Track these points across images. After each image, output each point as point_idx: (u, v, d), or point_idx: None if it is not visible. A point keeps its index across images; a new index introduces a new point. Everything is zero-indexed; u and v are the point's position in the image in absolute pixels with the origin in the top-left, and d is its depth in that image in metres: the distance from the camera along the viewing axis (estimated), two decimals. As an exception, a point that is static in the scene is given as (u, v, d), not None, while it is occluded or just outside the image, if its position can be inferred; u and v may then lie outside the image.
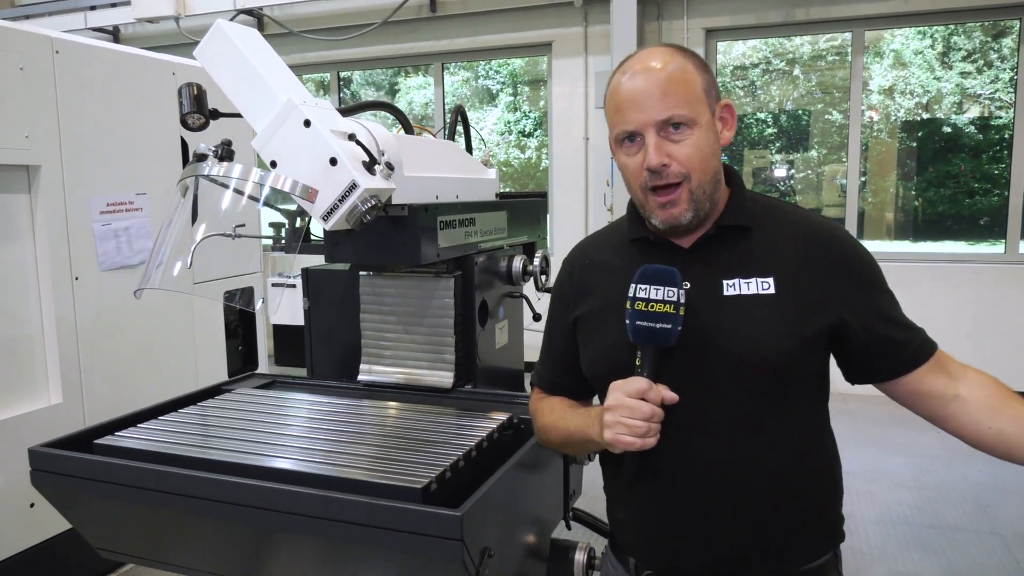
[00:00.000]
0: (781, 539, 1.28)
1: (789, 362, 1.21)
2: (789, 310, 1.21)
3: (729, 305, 1.22)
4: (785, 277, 1.22)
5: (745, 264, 1.24)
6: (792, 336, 1.20)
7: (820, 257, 1.24)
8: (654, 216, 1.25)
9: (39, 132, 2.81)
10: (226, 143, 1.59)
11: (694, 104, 1.20)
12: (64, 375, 2.90)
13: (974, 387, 1.24)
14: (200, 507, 1.53)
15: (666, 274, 1.18)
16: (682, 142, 1.20)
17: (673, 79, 1.20)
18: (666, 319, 1.16)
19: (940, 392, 1.25)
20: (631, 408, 1.16)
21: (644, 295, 1.17)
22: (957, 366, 1.28)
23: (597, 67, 6.21)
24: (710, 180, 1.24)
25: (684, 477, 1.27)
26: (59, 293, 2.89)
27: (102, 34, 7.27)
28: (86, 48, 3.07)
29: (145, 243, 3.24)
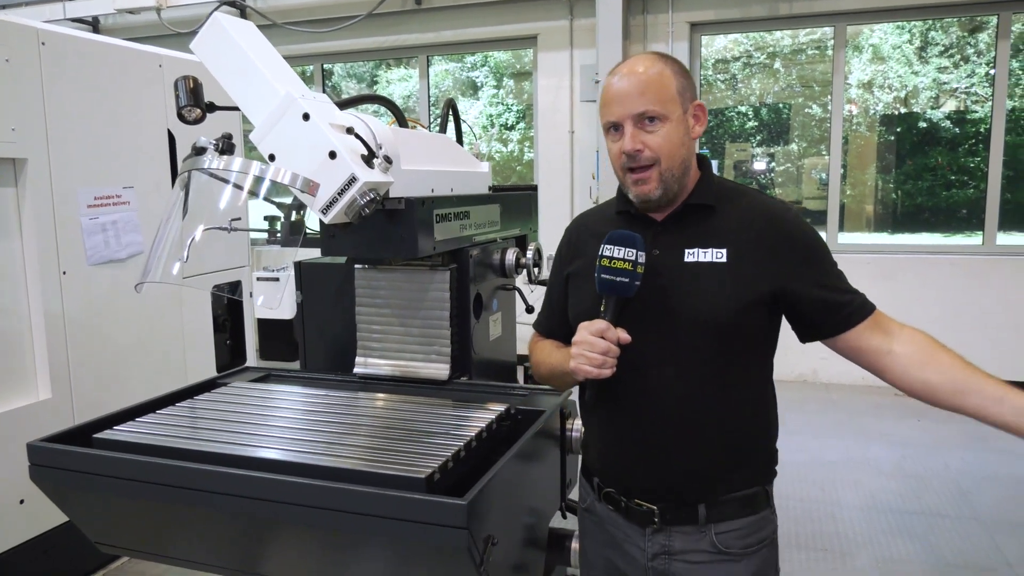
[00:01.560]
0: (718, 469, 1.50)
1: (732, 319, 1.43)
2: (736, 277, 1.44)
3: (688, 270, 1.46)
4: (736, 249, 1.46)
5: (706, 237, 1.48)
6: (736, 299, 1.43)
7: (770, 234, 1.47)
8: (630, 192, 1.50)
9: (25, 125, 2.78)
10: (227, 136, 1.59)
11: (666, 103, 1.44)
12: (53, 370, 2.88)
13: (906, 343, 1.45)
14: (204, 500, 1.53)
15: (627, 238, 1.42)
16: (654, 132, 1.44)
17: (649, 81, 1.44)
18: (624, 274, 1.40)
19: (875, 348, 1.46)
20: (591, 343, 1.40)
21: (609, 254, 1.42)
22: (894, 325, 1.48)
23: (582, 61, 6.23)
24: (678, 165, 1.47)
25: (639, 409, 1.50)
26: (47, 288, 2.86)
27: (82, 24, 7.17)
28: (72, 40, 3.04)
29: (133, 237, 3.22)
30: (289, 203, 1.95)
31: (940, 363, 1.42)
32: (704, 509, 1.50)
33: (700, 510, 1.50)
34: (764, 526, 1.56)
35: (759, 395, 1.56)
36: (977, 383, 1.39)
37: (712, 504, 1.50)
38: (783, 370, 6.56)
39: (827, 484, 4.00)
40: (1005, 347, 5.52)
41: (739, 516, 1.52)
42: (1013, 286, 5.52)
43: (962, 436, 4.70)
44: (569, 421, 1.98)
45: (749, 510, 1.53)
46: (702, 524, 1.50)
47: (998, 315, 5.54)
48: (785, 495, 3.86)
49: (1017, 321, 5.50)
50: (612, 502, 1.59)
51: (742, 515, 1.52)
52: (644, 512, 1.53)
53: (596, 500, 1.63)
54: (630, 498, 1.55)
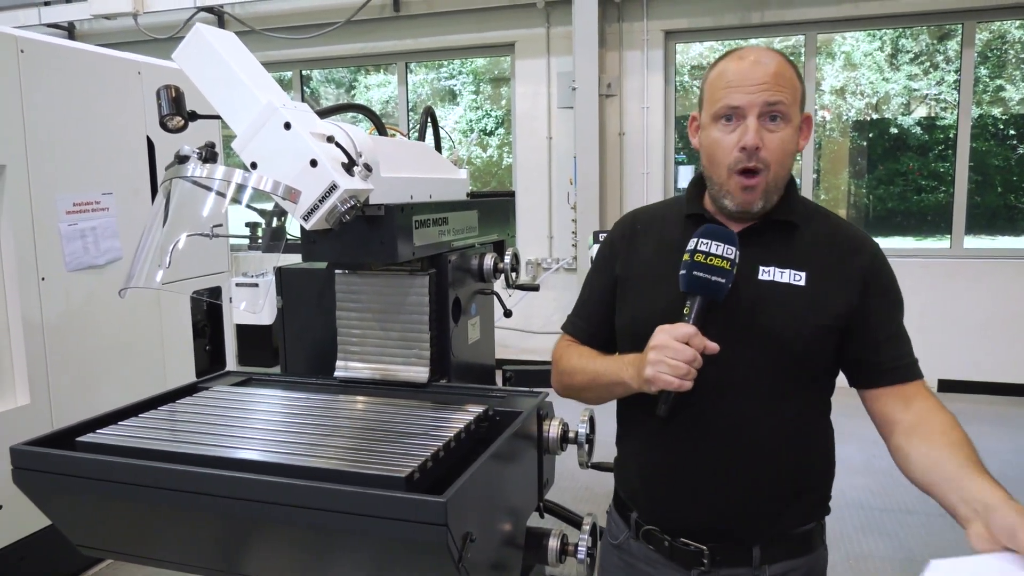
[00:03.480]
0: (779, 505, 1.38)
1: (806, 347, 1.33)
2: (814, 301, 1.33)
3: (762, 288, 1.35)
4: (816, 272, 1.35)
5: (783, 256, 1.37)
6: (812, 325, 1.33)
7: (856, 262, 1.37)
8: (730, 197, 1.35)
9: (4, 131, 2.79)
10: (209, 145, 1.62)
11: (793, 104, 1.32)
12: (31, 376, 2.88)
13: (920, 436, 1.27)
14: (186, 501, 1.56)
15: (727, 234, 1.29)
16: (775, 133, 1.30)
17: (784, 75, 1.31)
18: (721, 273, 1.27)
19: (889, 418, 1.35)
20: (676, 350, 1.23)
21: (705, 248, 1.28)
22: (923, 405, 1.31)
23: (559, 68, 6.30)
24: (783, 176, 1.35)
25: (698, 436, 1.37)
26: (25, 293, 2.87)
27: (57, 30, 7.13)
28: (51, 47, 3.05)
29: (112, 243, 3.23)
30: (270, 210, 1.99)
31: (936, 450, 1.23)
32: (759, 550, 1.38)
33: (755, 551, 1.38)
34: (817, 564, 1.45)
35: (822, 427, 1.46)
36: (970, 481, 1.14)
37: (768, 544, 1.38)
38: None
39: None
40: (971, 347, 5.67)
41: (795, 556, 1.41)
42: (979, 288, 5.67)
43: (931, 435, 4.82)
44: (546, 423, 2.02)
45: (805, 548, 1.42)
46: (756, 566, 1.39)
47: (965, 316, 5.68)
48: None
49: (983, 321, 5.65)
50: (653, 541, 1.46)
51: (798, 555, 1.41)
52: (691, 553, 1.40)
53: (632, 538, 1.50)
54: (675, 537, 1.42)
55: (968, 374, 5.69)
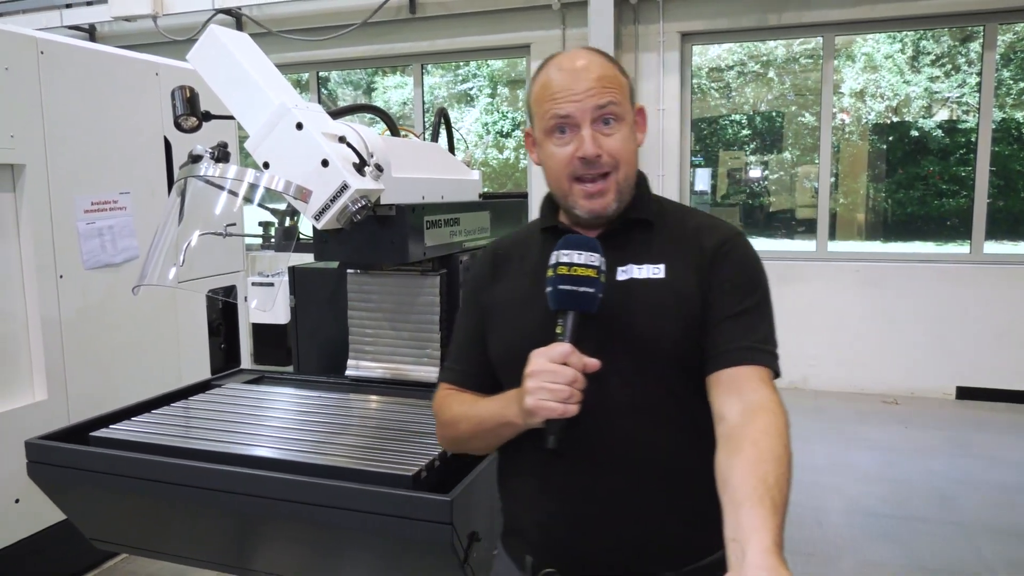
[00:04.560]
0: (684, 531, 1.24)
1: (676, 343, 1.22)
2: (677, 294, 1.23)
3: (622, 289, 1.24)
4: (673, 265, 1.26)
5: (639, 253, 1.28)
6: (679, 318, 1.22)
7: (711, 248, 1.26)
8: (578, 206, 1.27)
9: (24, 131, 2.83)
10: (222, 145, 1.64)
11: (623, 101, 1.26)
12: (49, 372, 2.92)
13: (733, 443, 1.10)
14: (197, 496, 1.58)
15: (588, 242, 1.20)
16: (613, 135, 1.24)
17: (608, 76, 1.25)
18: (588, 283, 1.17)
19: (716, 408, 1.18)
20: (554, 372, 1.12)
21: (568, 259, 1.18)
22: (753, 399, 1.14)
23: (575, 69, 6.29)
24: (632, 175, 1.29)
25: (590, 459, 1.23)
26: (44, 291, 2.91)
27: (78, 32, 7.22)
28: (70, 48, 3.09)
29: (129, 242, 3.26)
30: (283, 209, 2.01)
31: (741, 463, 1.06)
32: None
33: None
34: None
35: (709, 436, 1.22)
36: (742, 511, 0.99)
37: None
38: (772, 376, 6.54)
39: (812, 489, 4.05)
40: (990, 354, 5.60)
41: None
42: (999, 295, 5.59)
43: (945, 443, 4.77)
44: (554, 423, 2.03)
45: None
46: None
47: (984, 323, 5.61)
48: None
49: (1002, 328, 5.57)
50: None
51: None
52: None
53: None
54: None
55: (987, 382, 5.61)
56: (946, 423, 5.17)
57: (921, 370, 5.70)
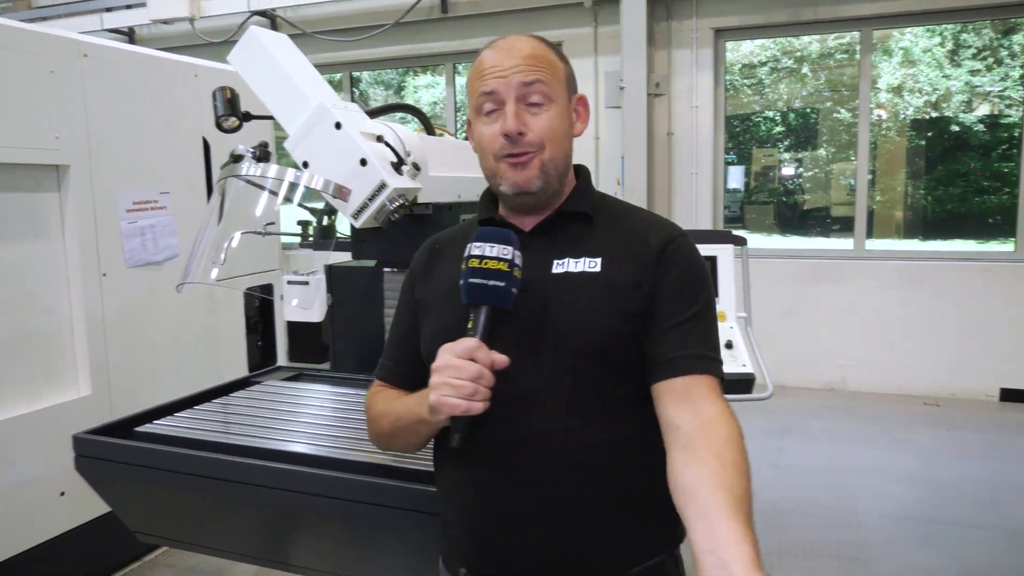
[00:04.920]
0: (613, 536, 1.18)
1: (607, 339, 1.17)
2: (612, 288, 1.18)
3: (557, 282, 1.20)
4: (610, 258, 1.21)
5: (578, 247, 1.23)
6: (611, 313, 1.17)
7: (654, 247, 1.21)
8: (505, 181, 1.23)
9: (68, 133, 2.90)
10: (263, 144, 1.66)
11: (554, 83, 1.23)
12: (93, 368, 2.99)
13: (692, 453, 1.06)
14: (236, 490, 1.60)
15: (501, 234, 1.15)
16: (539, 115, 1.21)
17: (538, 55, 1.23)
18: (499, 276, 1.12)
19: (667, 418, 1.13)
20: (458, 368, 1.08)
21: (479, 252, 1.13)
22: (708, 410, 1.11)
23: (606, 67, 6.27)
24: (562, 158, 1.24)
25: (510, 462, 1.18)
26: (88, 289, 2.97)
27: (118, 35, 7.37)
28: (112, 51, 3.15)
29: (169, 240, 3.32)
30: (321, 208, 2.03)
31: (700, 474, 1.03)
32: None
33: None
34: None
35: (654, 438, 1.16)
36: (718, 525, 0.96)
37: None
38: (809, 376, 6.46)
39: (853, 492, 3.99)
40: (1036, 355, 5.46)
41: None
42: (1044, 293, 5.45)
43: (989, 446, 4.66)
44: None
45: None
46: None
47: (1029, 322, 5.47)
48: (810, 502, 3.85)
49: (1048, 328, 5.43)
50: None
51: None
52: None
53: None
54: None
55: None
56: (989, 425, 5.05)
57: (963, 371, 5.57)
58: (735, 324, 2.66)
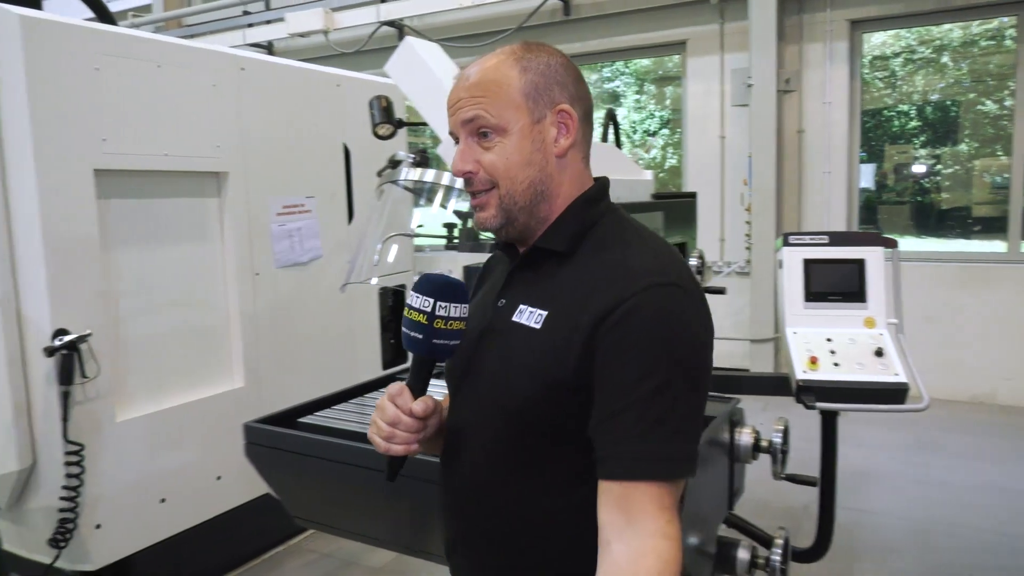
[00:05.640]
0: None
1: (526, 406, 1.07)
2: (546, 350, 1.06)
3: (507, 332, 1.12)
4: (558, 314, 1.07)
5: (540, 293, 1.12)
6: (537, 380, 1.06)
7: (591, 302, 1.04)
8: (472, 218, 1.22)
9: (228, 141, 3.11)
10: (421, 151, 1.73)
11: (504, 110, 1.10)
12: (247, 362, 3.19)
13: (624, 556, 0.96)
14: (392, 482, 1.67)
15: (433, 283, 1.10)
16: (490, 149, 1.11)
17: (483, 83, 1.11)
18: (418, 328, 1.09)
19: (600, 524, 1.00)
20: (382, 410, 1.12)
21: (409, 301, 1.11)
22: (652, 523, 0.96)
23: (733, 64, 6.11)
24: (522, 191, 1.11)
25: (449, 511, 1.22)
26: (243, 288, 3.18)
27: (258, 49, 7.84)
28: (266, 64, 3.36)
29: (313, 242, 3.50)
30: (466, 212, 2.08)
31: None
32: None
33: None
34: None
35: (577, 508, 1.07)
36: None
37: None
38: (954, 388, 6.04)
39: (1008, 514, 3.70)
40: None
41: None
42: None
43: None
44: (737, 430, 1.98)
45: None
46: None
47: None
48: (960, 523, 3.61)
49: None
50: None
51: None
52: None
53: None
54: None
55: None
56: None
57: None
58: (885, 331, 2.53)
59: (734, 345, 6.12)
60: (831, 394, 2.25)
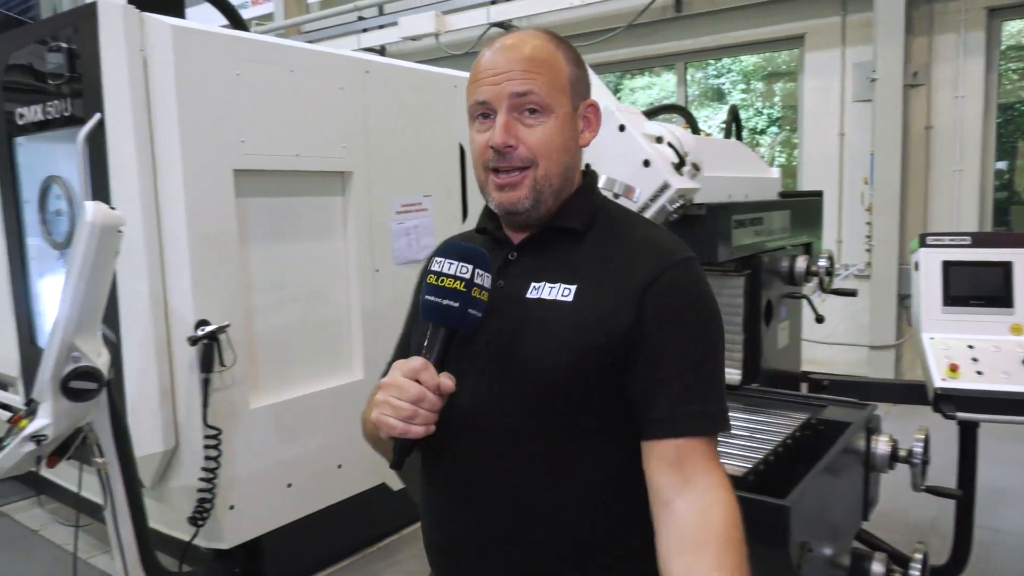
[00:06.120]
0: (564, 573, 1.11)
1: (565, 376, 1.07)
2: (581, 321, 1.07)
3: (528, 308, 1.11)
4: (587, 287, 1.09)
5: (558, 270, 1.13)
6: (575, 350, 1.07)
7: (632, 273, 1.08)
8: (491, 198, 1.17)
9: (352, 142, 3.23)
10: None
11: (554, 91, 1.12)
12: (366, 355, 3.30)
13: (689, 546, 0.99)
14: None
15: (465, 250, 1.07)
16: (535, 127, 1.11)
17: (537, 59, 1.12)
18: (453, 296, 1.04)
19: (656, 486, 1.04)
20: (400, 388, 1.03)
21: (438, 268, 1.06)
22: (702, 485, 1.02)
23: (855, 58, 5.84)
24: (559, 174, 1.14)
25: (463, 491, 1.14)
26: (364, 284, 3.29)
27: (372, 53, 8.10)
28: (388, 67, 3.47)
29: (429, 240, 3.59)
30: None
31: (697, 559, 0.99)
32: None
33: None
34: None
35: (615, 476, 1.11)
36: None
37: None
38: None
39: None
40: None
41: None
42: None
43: None
44: (875, 438, 1.89)
45: None
46: None
47: None
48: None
49: None
50: None
51: None
52: None
53: None
54: None
55: None
56: None
57: None
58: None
59: (849, 351, 5.85)
60: (973, 404, 2.13)
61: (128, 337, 2.72)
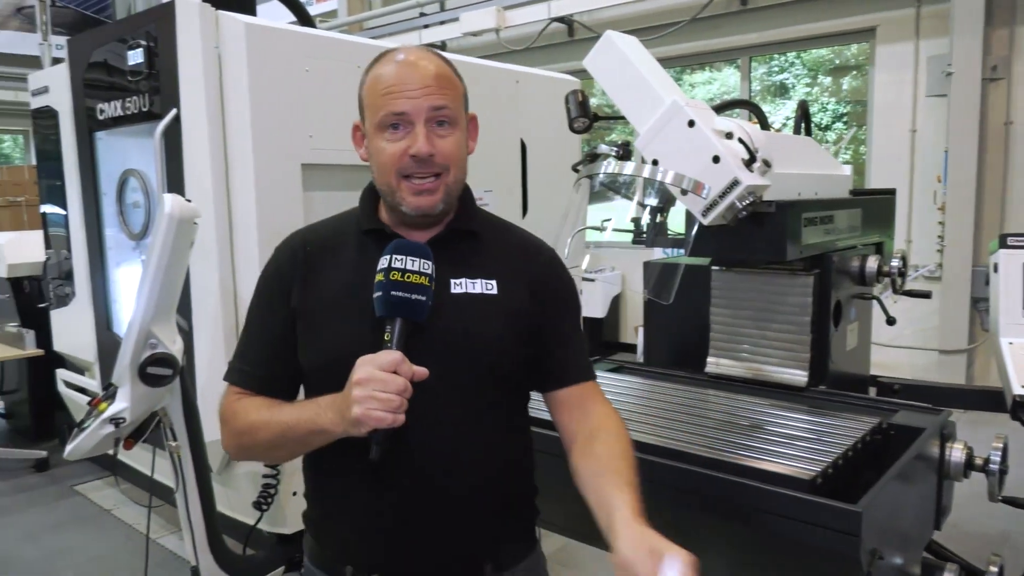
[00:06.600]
0: (504, 519, 1.34)
1: (507, 358, 1.29)
2: (508, 311, 1.29)
3: (455, 302, 1.26)
4: (504, 281, 1.30)
5: (472, 266, 1.30)
6: (509, 333, 1.28)
7: (535, 269, 1.35)
8: (404, 203, 1.25)
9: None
10: (624, 143, 1.73)
11: (458, 106, 1.28)
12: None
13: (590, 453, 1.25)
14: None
15: (420, 248, 1.21)
16: (446, 138, 1.24)
17: (444, 76, 1.26)
18: (420, 290, 1.17)
19: (567, 430, 1.32)
20: (384, 381, 1.10)
21: (400, 265, 1.17)
22: (598, 412, 1.32)
23: (929, 51, 5.63)
24: (462, 179, 1.31)
25: (419, 466, 1.25)
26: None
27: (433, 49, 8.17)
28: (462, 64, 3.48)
29: (489, 235, 3.60)
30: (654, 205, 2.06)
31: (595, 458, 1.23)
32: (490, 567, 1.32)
33: (487, 568, 1.31)
34: (539, 562, 1.44)
35: (523, 443, 1.41)
36: (611, 498, 1.12)
37: (496, 558, 1.33)
38: None
39: None
40: None
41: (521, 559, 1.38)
42: None
43: None
44: (949, 444, 1.83)
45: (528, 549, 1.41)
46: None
47: None
48: None
49: None
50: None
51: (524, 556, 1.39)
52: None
53: None
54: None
55: None
56: None
57: None
58: None
59: (917, 355, 5.67)
60: (1057, 413, 2.03)
61: (199, 326, 2.81)
